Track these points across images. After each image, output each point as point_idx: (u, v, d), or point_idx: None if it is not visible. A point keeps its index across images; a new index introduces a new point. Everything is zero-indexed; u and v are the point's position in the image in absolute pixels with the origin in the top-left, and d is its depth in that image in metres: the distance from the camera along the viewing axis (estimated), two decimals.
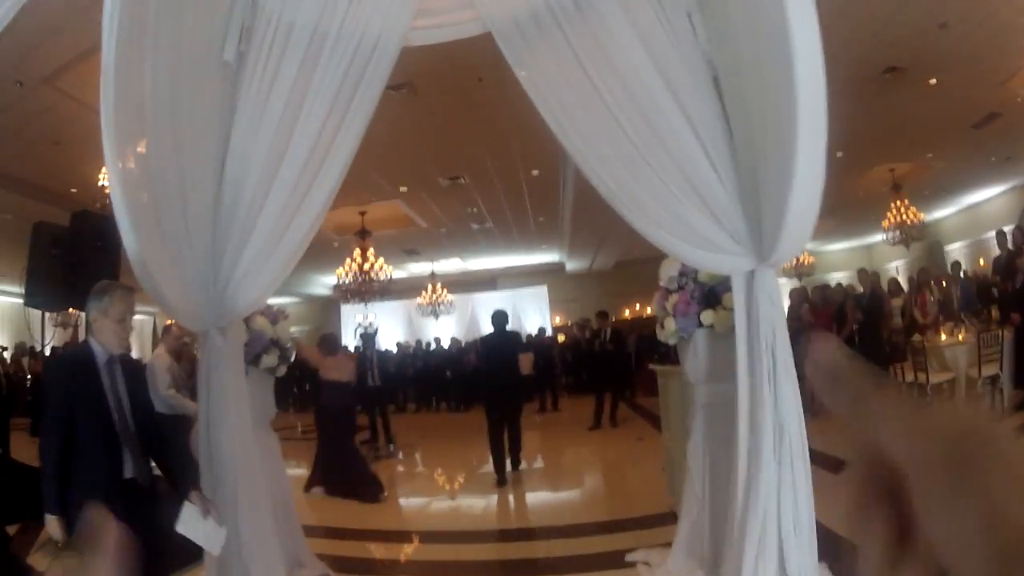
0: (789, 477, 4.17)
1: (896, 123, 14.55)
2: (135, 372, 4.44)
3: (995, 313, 12.97)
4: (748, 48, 4.08)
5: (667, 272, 5.83)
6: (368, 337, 14.24)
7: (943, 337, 12.07)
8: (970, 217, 23.30)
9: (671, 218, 4.55)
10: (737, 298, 4.52)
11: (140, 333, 32.86)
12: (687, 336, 5.61)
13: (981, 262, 20.32)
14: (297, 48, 4.73)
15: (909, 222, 18.84)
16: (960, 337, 11.81)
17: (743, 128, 4.29)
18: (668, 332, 5.75)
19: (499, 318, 11.55)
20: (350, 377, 10.52)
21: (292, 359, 6.57)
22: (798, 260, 24.27)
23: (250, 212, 4.82)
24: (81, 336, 16.91)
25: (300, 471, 10.88)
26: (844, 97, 12.75)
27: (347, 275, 19.54)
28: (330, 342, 10.85)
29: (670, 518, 7.02)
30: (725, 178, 4.40)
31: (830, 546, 4.41)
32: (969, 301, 14.51)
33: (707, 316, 5.42)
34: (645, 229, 4.69)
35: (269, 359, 5.98)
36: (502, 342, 11.48)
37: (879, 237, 22.60)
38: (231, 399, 4.79)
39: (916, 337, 12.31)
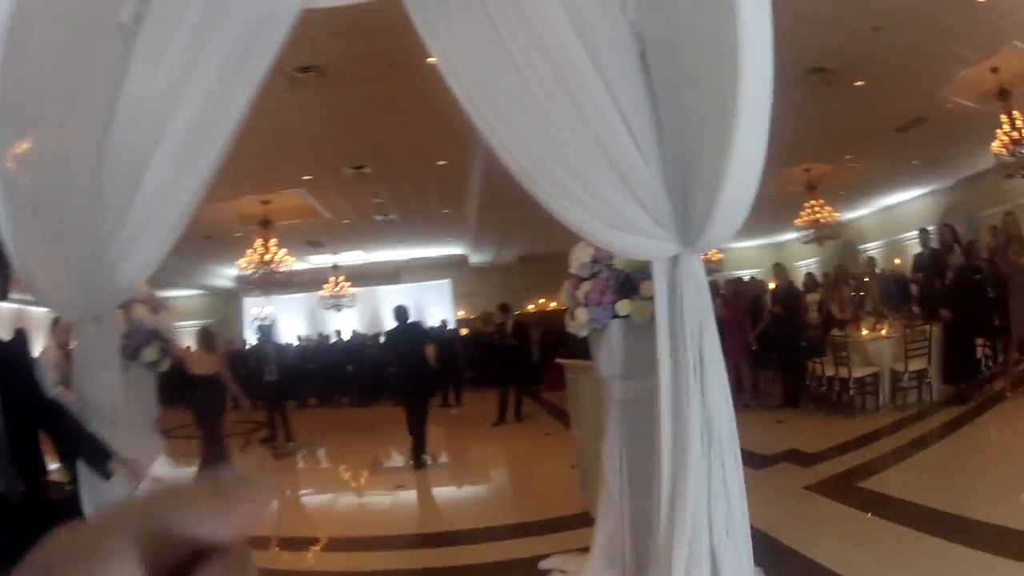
0: (720, 477, 3.98)
1: (818, 124, 14.60)
2: (8, 358, 3.60)
3: (915, 309, 13.20)
4: (685, 19, 3.88)
5: (579, 258, 5.44)
6: (266, 329, 13.77)
7: (864, 332, 12.14)
8: (886, 218, 23.82)
9: (589, 197, 4.25)
10: (659, 286, 4.26)
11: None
12: (600, 327, 5.26)
13: (897, 261, 20.76)
14: (194, 11, 4.31)
15: (823, 221, 19.10)
16: (883, 332, 11.91)
17: (672, 105, 4.03)
18: (579, 323, 5.35)
19: (401, 313, 12.32)
20: (216, 370, 10.49)
21: (174, 353, 6.03)
22: (705, 255, 24.30)
23: (128, 185, 4.41)
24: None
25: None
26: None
27: (249, 266, 19.01)
28: (209, 337, 11.44)
29: (584, 520, 6.80)
30: (649, 156, 4.11)
31: (765, 549, 4.25)
32: (890, 296, 14.72)
33: (623, 306, 5.11)
34: (560, 210, 4.38)
35: (150, 352, 5.49)
36: (408, 335, 12.25)
37: (790, 236, 23.44)
38: (104, 398, 4.42)
39: (835, 332, 12.35)
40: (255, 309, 25.05)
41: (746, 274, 21.68)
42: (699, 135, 3.87)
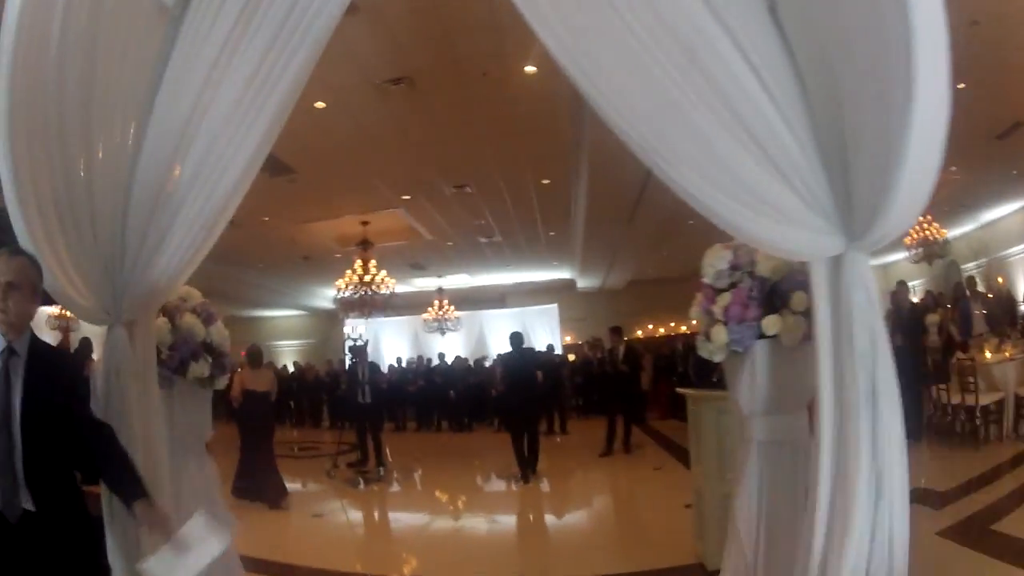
0: (885, 541, 3.03)
1: None
2: (47, 368, 3.18)
3: None
4: None
5: (714, 264, 4.38)
6: (358, 350, 13.29)
7: (988, 354, 11.07)
8: (985, 235, 22.42)
9: (727, 177, 3.27)
10: (818, 293, 3.26)
11: None
12: (742, 349, 4.14)
13: (1000, 280, 19.45)
14: None
15: (931, 238, 18.00)
16: (1007, 353, 10.86)
17: (813, 65, 3.15)
18: (716, 345, 4.21)
19: (516, 339, 12.97)
20: (268, 387, 10.86)
21: (229, 369, 5.42)
22: None
23: (163, 174, 3.89)
24: (74, 340, 16.19)
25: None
26: None
27: (347, 287, 18.73)
28: (254, 355, 11.23)
29: (697, 571, 6.13)
30: (798, 128, 3.16)
31: None
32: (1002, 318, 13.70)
33: (771, 323, 4.00)
34: (695, 192, 3.39)
35: (198, 368, 4.88)
36: (521, 360, 12.96)
37: (896, 256, 21.94)
38: (135, 414, 3.87)
39: (960, 355, 11.27)
40: (347, 329, 24.81)
41: None
42: (858, 102, 2.92)
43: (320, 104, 10.98)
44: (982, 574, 5.55)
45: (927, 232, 17.94)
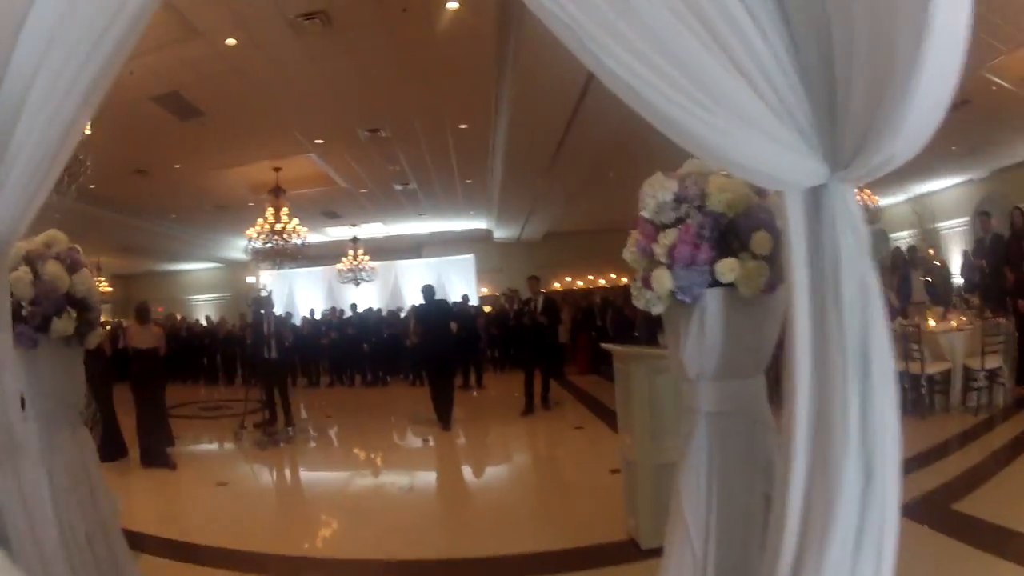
0: (875, 536, 2.45)
1: None
2: None
3: (973, 300, 12.08)
4: None
5: (655, 194, 3.52)
6: (262, 302, 12.49)
7: (931, 323, 10.79)
8: (917, 207, 22.65)
9: (686, 79, 2.52)
10: (795, 231, 2.59)
11: None
12: (689, 299, 3.34)
13: (931, 252, 19.52)
14: None
15: (864, 203, 17.92)
16: (954, 323, 10.60)
17: None
18: (659, 291, 3.42)
19: (429, 291, 13.49)
20: (154, 343, 10.68)
21: (97, 324, 4.71)
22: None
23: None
24: None
25: None
26: None
27: (259, 236, 18.01)
28: (141, 311, 11.06)
29: (631, 551, 5.67)
30: (765, 23, 2.56)
31: None
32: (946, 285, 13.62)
33: (727, 267, 3.22)
34: (650, 96, 2.53)
35: (62, 324, 4.27)
36: (435, 312, 13.49)
37: None
38: None
39: (902, 321, 10.97)
40: (249, 280, 24.04)
41: None
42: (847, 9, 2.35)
43: (231, 41, 10.40)
44: (963, 564, 5.14)
45: (860, 197, 17.84)
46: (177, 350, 23.74)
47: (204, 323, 26.56)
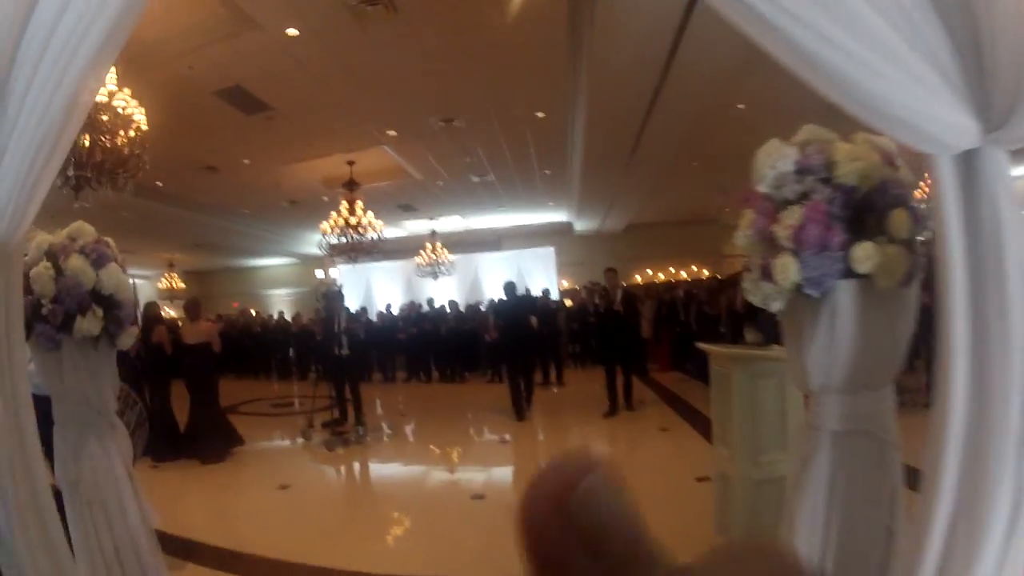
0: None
1: None
2: None
3: None
4: None
5: (775, 163, 2.94)
6: (332, 297, 12.04)
7: None
8: None
9: (846, 22, 2.04)
10: (947, 206, 2.09)
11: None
12: (818, 293, 2.75)
13: None
14: None
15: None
16: None
17: None
18: (783, 283, 2.81)
19: (510, 288, 13.80)
20: (204, 339, 10.72)
21: (134, 322, 4.27)
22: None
23: None
24: None
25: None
26: None
27: (333, 230, 17.68)
28: (189, 308, 11.25)
29: None
30: None
31: None
32: None
33: (864, 253, 2.62)
34: (811, 44, 2.08)
35: (87, 323, 3.83)
36: (517, 307, 13.74)
37: None
38: None
39: None
40: (320, 274, 23.83)
41: None
42: None
43: (292, 31, 10.05)
44: None
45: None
46: (250, 346, 24.14)
47: (277, 318, 26.45)
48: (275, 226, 24.70)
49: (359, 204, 17.70)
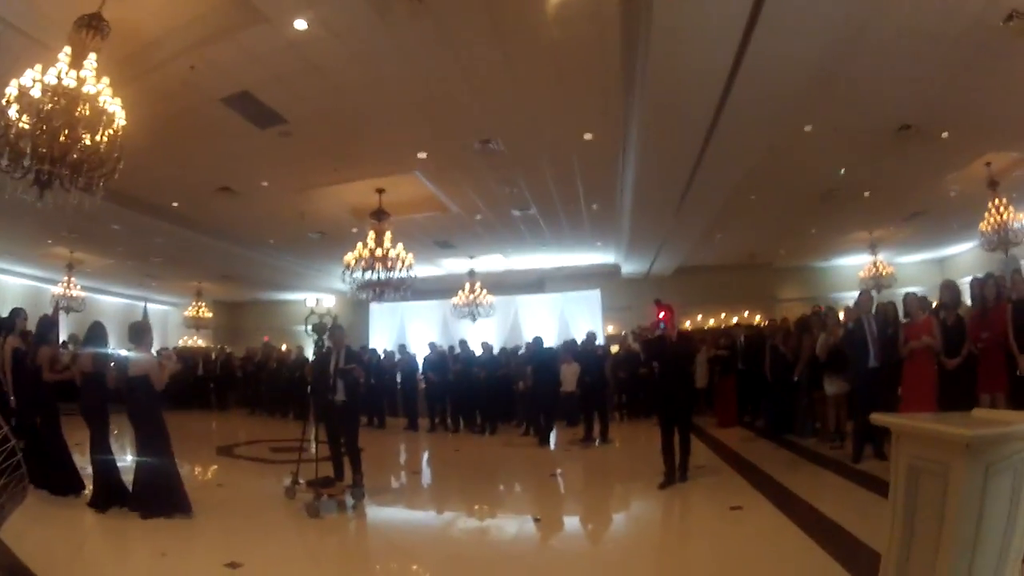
0: None
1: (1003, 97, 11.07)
2: None
3: None
4: None
5: None
6: (332, 331, 10.17)
7: None
8: None
9: None
10: None
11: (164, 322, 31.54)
12: None
13: None
14: None
15: (1007, 224, 15.47)
16: None
17: None
18: None
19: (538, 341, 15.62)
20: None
21: None
22: (877, 269, 22.95)
23: None
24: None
25: None
26: (963, 51, 9.50)
27: (357, 263, 16.10)
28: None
29: None
30: None
31: None
32: None
33: None
34: None
35: None
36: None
37: (955, 249, 23.16)
38: None
39: None
40: (311, 303, 22.67)
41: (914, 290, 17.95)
42: None
43: (299, 24, 8.83)
44: None
45: (1004, 215, 15.44)
46: (264, 382, 23.85)
47: (296, 354, 24.73)
48: (302, 259, 23.76)
49: (388, 235, 16.24)
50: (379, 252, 16.00)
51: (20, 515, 5.06)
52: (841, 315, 12.75)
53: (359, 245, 16.25)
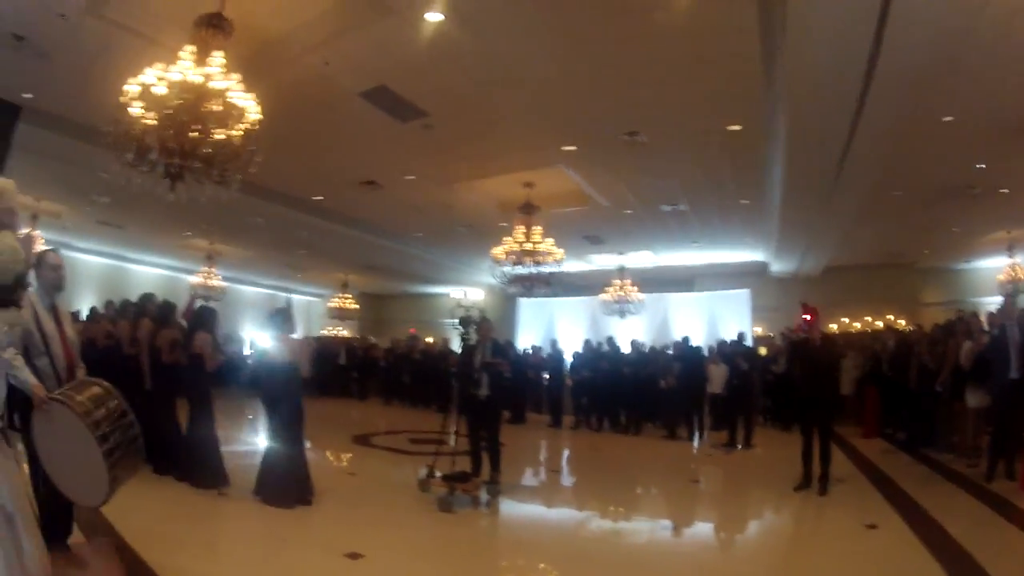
0: None
1: None
2: None
3: None
4: None
5: None
6: (480, 325, 10.00)
7: None
8: None
9: None
10: None
11: (308, 312, 32.37)
12: None
13: None
14: None
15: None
16: None
17: None
18: None
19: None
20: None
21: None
22: (1015, 273, 20.63)
23: None
24: None
25: None
26: None
27: (507, 256, 16.19)
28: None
29: None
30: None
31: None
32: None
33: None
34: None
35: None
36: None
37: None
38: None
39: None
40: (458, 296, 22.64)
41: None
42: None
43: (431, 16, 8.90)
44: None
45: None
46: (407, 372, 24.16)
47: (442, 346, 25.50)
48: (451, 251, 24.02)
49: (537, 229, 16.33)
50: (528, 246, 16.08)
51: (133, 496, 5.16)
52: (984, 321, 12.11)
53: (508, 238, 16.37)
